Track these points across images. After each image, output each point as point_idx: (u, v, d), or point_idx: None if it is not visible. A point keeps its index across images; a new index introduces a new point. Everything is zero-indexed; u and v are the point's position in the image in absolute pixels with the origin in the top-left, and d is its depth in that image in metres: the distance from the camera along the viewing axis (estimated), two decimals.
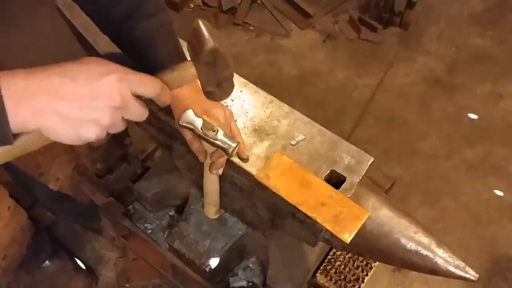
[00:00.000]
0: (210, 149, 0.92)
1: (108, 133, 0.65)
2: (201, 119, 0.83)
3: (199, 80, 0.74)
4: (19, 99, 0.57)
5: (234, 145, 0.85)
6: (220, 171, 0.99)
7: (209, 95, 0.77)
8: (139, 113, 0.66)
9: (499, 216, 2.04)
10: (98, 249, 1.91)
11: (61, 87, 0.59)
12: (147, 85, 0.66)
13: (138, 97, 0.66)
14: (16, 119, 0.57)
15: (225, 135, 0.86)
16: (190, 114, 0.84)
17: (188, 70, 0.72)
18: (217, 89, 0.75)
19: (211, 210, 1.20)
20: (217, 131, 0.85)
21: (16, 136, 0.60)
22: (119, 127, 0.66)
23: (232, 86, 0.78)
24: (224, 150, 0.86)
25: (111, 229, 1.57)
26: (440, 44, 2.69)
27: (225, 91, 0.77)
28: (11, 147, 0.61)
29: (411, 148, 2.26)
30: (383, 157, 2.17)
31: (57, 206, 1.79)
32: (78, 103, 0.60)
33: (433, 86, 2.51)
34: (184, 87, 0.92)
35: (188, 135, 0.94)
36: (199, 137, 0.86)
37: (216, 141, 0.85)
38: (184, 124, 0.84)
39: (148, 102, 0.68)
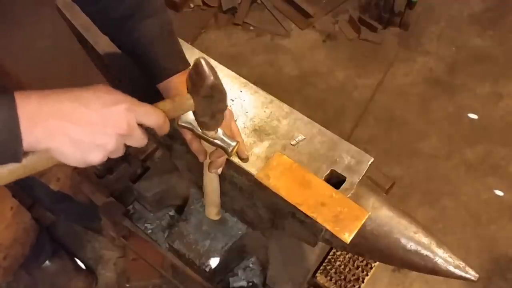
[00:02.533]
0: (209, 148, 0.92)
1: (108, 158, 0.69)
2: None
3: (195, 111, 0.80)
4: (33, 119, 0.60)
5: (233, 144, 0.85)
6: (220, 170, 0.99)
7: (202, 124, 0.83)
8: (141, 140, 0.71)
9: (499, 216, 2.04)
10: (98, 249, 1.91)
11: (73, 112, 0.63)
12: (152, 116, 0.71)
13: (140, 125, 0.70)
14: (29, 138, 0.60)
15: (225, 134, 0.86)
16: (189, 114, 0.84)
17: (187, 102, 0.78)
18: (210, 120, 0.81)
19: (212, 211, 1.19)
20: (216, 130, 0.85)
21: (24, 154, 0.62)
22: (120, 153, 0.70)
23: (223, 118, 0.84)
24: (224, 149, 0.86)
25: (111, 229, 1.57)
26: (440, 44, 2.69)
27: (217, 122, 0.83)
28: (17, 166, 0.64)
29: (411, 148, 2.26)
30: (383, 157, 2.17)
31: (57, 206, 1.79)
32: (88, 128, 0.64)
33: (433, 86, 2.51)
34: (182, 88, 0.93)
35: (187, 135, 0.94)
36: (199, 136, 0.86)
37: (215, 141, 0.85)
38: (183, 124, 0.84)
39: (148, 130, 0.72)
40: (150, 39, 0.91)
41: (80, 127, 0.63)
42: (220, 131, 0.85)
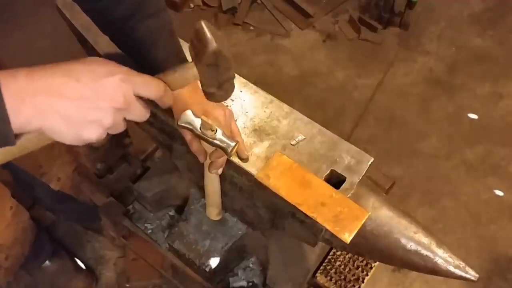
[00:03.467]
0: (209, 149, 0.92)
1: (108, 134, 0.65)
2: (200, 119, 0.83)
3: (200, 81, 0.74)
4: (21, 98, 0.56)
5: (233, 144, 0.85)
6: (220, 170, 0.99)
7: (210, 96, 0.77)
8: (141, 114, 0.66)
9: (499, 216, 2.04)
10: (98, 249, 1.91)
11: (64, 87, 0.59)
12: (151, 86, 0.66)
13: (140, 98, 0.66)
14: (18, 119, 0.57)
15: (224, 134, 0.86)
16: (189, 114, 0.84)
17: (190, 71, 0.72)
18: (217, 90, 0.76)
19: (214, 212, 1.20)
20: (216, 130, 0.85)
21: (17, 136, 0.59)
22: (120, 128, 0.65)
23: (232, 87, 0.78)
24: (223, 150, 0.86)
25: (111, 229, 1.58)
26: (440, 44, 2.69)
27: (226, 93, 0.78)
28: (12, 147, 0.60)
29: (411, 148, 2.26)
30: (383, 157, 2.17)
31: (57, 206, 1.79)
32: (81, 103, 0.59)
33: (433, 86, 2.51)
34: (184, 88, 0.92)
35: (187, 136, 0.94)
36: (198, 137, 0.86)
37: (215, 141, 0.85)
38: (183, 124, 0.84)
39: (149, 102, 0.68)
40: (151, 39, 0.91)
41: (71, 103, 0.59)
42: (219, 131, 0.85)
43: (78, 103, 0.59)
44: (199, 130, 0.84)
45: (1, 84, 0.55)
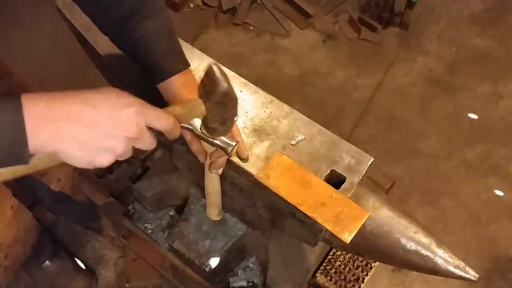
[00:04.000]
0: (209, 149, 0.92)
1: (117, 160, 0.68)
2: (200, 119, 0.83)
3: (206, 117, 0.79)
4: (41, 122, 0.59)
5: (233, 144, 0.85)
6: (220, 171, 0.99)
7: (212, 130, 0.83)
8: (150, 144, 0.71)
9: (499, 216, 2.05)
10: (98, 249, 1.91)
11: (82, 114, 0.62)
12: (162, 121, 0.70)
13: (150, 128, 0.69)
14: (36, 142, 0.59)
15: None
16: None
17: (199, 107, 0.78)
18: (220, 126, 0.81)
19: (214, 212, 1.19)
20: None
21: (30, 156, 0.62)
22: (128, 155, 0.69)
23: (232, 124, 0.85)
24: (224, 150, 0.86)
25: (111, 229, 1.57)
26: (440, 44, 2.69)
27: (227, 128, 0.84)
28: (20, 166, 0.63)
29: (411, 148, 2.26)
30: (383, 157, 2.18)
31: (57, 206, 1.79)
32: (97, 131, 0.63)
33: (433, 86, 2.51)
34: (183, 87, 0.93)
35: (187, 136, 0.94)
36: (198, 137, 0.86)
37: (215, 141, 0.85)
38: (183, 124, 0.84)
39: (158, 133, 0.72)
40: (150, 39, 0.91)
41: (88, 130, 0.62)
42: None
43: (95, 131, 0.63)
44: (199, 130, 0.84)
45: (23, 107, 0.58)
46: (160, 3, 0.94)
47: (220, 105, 0.76)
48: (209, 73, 0.75)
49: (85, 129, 0.62)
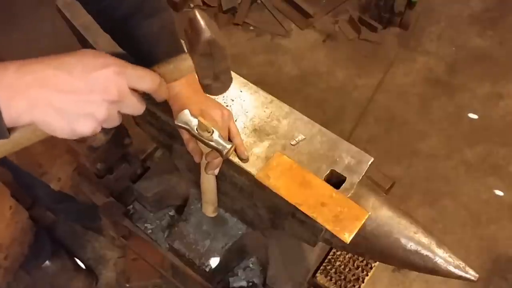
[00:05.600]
0: (205, 149, 0.92)
1: (103, 127, 0.64)
2: (196, 120, 0.83)
3: (196, 73, 0.73)
4: (13, 91, 0.56)
5: (229, 146, 0.85)
6: (216, 171, 0.99)
7: (207, 88, 0.75)
8: (136, 107, 0.65)
9: (499, 216, 2.04)
10: (98, 249, 1.91)
11: (56, 79, 0.58)
12: (145, 79, 0.65)
13: (135, 90, 0.64)
14: (10, 112, 0.56)
15: (220, 136, 0.86)
16: (186, 114, 0.84)
17: (185, 62, 0.71)
18: (214, 82, 0.74)
19: (209, 209, 1.20)
20: (212, 132, 0.85)
21: (11, 130, 0.59)
22: (115, 122, 0.64)
23: (230, 79, 0.76)
24: (219, 151, 0.86)
25: (111, 229, 1.58)
26: (440, 44, 2.69)
27: (223, 85, 0.75)
28: (5, 142, 0.60)
29: (411, 148, 2.26)
30: (383, 157, 2.17)
31: (57, 206, 1.79)
32: (73, 96, 0.58)
33: (433, 86, 2.51)
34: (183, 87, 0.92)
35: (185, 135, 0.94)
36: (194, 137, 0.86)
37: (210, 142, 0.85)
38: (179, 124, 0.84)
39: (144, 95, 0.67)
40: (152, 38, 0.91)
41: (63, 95, 0.58)
42: (216, 133, 0.85)
43: (71, 96, 0.58)
44: (195, 131, 0.84)
45: None
46: (161, 2, 0.94)
47: (206, 57, 0.68)
48: (191, 21, 0.66)
49: (60, 95, 0.58)
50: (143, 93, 0.66)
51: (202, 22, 0.65)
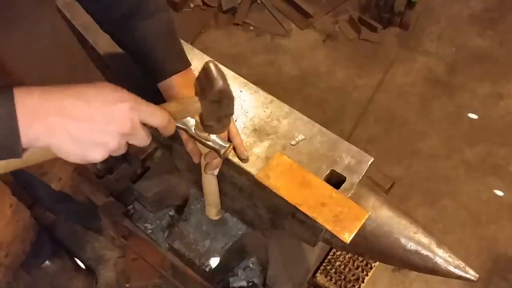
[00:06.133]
0: (204, 150, 0.92)
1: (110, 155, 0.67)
2: (194, 120, 0.83)
3: (202, 114, 0.79)
4: (33, 116, 0.59)
5: (226, 146, 0.86)
6: (216, 171, 0.99)
7: (207, 128, 0.82)
8: (144, 140, 0.70)
9: (499, 216, 2.04)
10: (98, 249, 1.91)
11: (75, 109, 0.61)
12: (156, 116, 0.70)
13: (144, 124, 0.69)
14: (28, 135, 0.59)
15: (218, 136, 0.86)
16: None
17: (194, 105, 0.77)
18: (216, 124, 0.80)
19: (212, 211, 1.20)
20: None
21: (24, 150, 0.62)
22: (122, 151, 0.68)
23: (229, 122, 0.84)
24: (216, 152, 0.86)
25: (111, 229, 1.57)
26: (440, 44, 2.69)
27: (223, 126, 0.83)
28: (17, 159, 0.63)
29: (411, 148, 2.26)
30: (383, 157, 2.17)
31: (57, 206, 1.79)
32: (90, 125, 0.62)
33: (433, 86, 2.51)
34: (181, 87, 0.93)
35: (184, 135, 0.94)
36: (192, 137, 0.86)
37: (208, 142, 0.85)
38: (178, 124, 0.84)
39: (152, 129, 0.71)
40: (151, 38, 0.91)
41: (81, 124, 0.62)
42: None
43: (88, 125, 0.62)
44: (193, 131, 0.84)
45: (16, 100, 0.58)
46: (161, 2, 0.94)
47: (215, 103, 0.75)
48: (205, 70, 0.74)
49: (77, 124, 0.61)
50: (151, 127, 0.71)
51: (215, 73, 0.73)
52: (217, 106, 0.76)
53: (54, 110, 0.60)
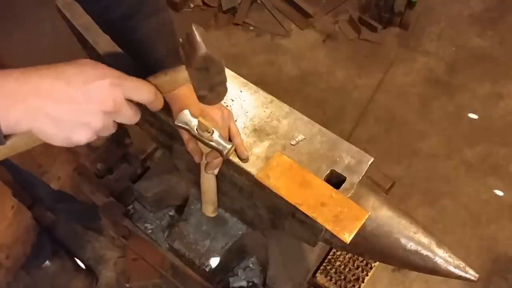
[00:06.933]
0: (205, 149, 0.92)
1: (98, 136, 0.65)
2: (196, 120, 0.83)
3: (192, 84, 0.74)
4: (12, 99, 0.57)
5: (229, 146, 0.85)
6: (216, 171, 0.99)
7: (201, 98, 0.77)
8: (131, 117, 0.67)
9: (499, 216, 2.04)
10: (98, 249, 1.91)
11: (54, 89, 0.59)
12: (141, 91, 0.66)
13: (131, 101, 0.66)
14: (8, 120, 0.57)
15: (221, 136, 0.86)
16: (186, 114, 0.84)
17: (181, 73, 0.73)
18: (209, 93, 0.75)
19: (209, 209, 1.20)
20: (212, 132, 0.85)
21: (7, 136, 0.60)
22: (110, 131, 0.66)
23: (225, 90, 0.77)
24: (219, 152, 0.86)
25: (111, 229, 1.58)
26: (440, 44, 2.69)
27: (218, 95, 0.77)
28: (1, 147, 0.60)
29: (411, 148, 2.26)
30: (383, 157, 2.17)
31: (57, 205, 1.79)
32: (70, 106, 0.60)
33: (433, 86, 2.51)
34: (183, 87, 0.92)
35: (185, 135, 0.94)
36: (195, 137, 0.86)
37: (211, 142, 0.85)
38: (179, 124, 0.84)
39: (139, 105, 0.68)
40: (151, 39, 0.91)
41: (61, 105, 0.59)
42: (216, 133, 0.85)
43: (68, 106, 0.59)
44: (195, 131, 0.84)
45: None
46: (160, 2, 0.94)
47: (203, 71, 0.70)
48: (188, 36, 0.69)
49: (57, 105, 0.59)
50: (138, 103, 0.67)
51: (198, 38, 0.68)
52: (205, 73, 0.71)
53: (32, 92, 0.57)
